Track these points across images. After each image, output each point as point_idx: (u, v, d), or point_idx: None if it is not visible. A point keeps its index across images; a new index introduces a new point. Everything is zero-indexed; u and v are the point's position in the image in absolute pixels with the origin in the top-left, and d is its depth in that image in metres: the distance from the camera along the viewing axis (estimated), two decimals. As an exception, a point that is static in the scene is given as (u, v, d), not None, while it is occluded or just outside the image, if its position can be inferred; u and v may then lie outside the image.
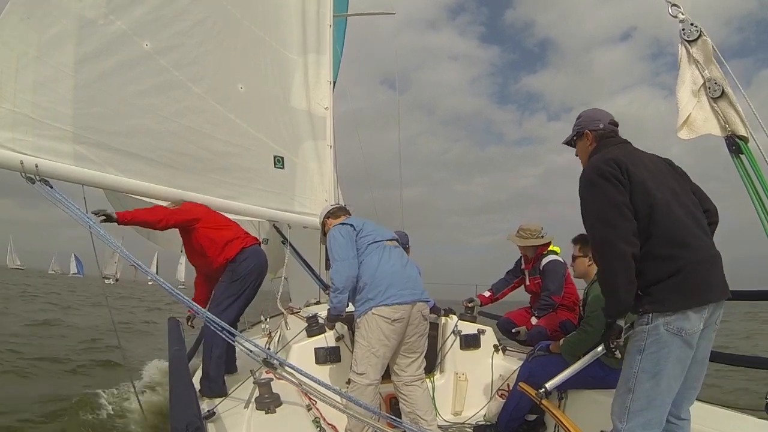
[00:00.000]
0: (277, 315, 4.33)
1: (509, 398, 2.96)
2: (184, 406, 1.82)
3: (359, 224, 2.88)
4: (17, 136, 2.53)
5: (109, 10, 2.88)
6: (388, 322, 2.57)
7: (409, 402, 2.72)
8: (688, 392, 1.88)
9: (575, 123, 2.21)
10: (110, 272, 62.22)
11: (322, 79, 4.51)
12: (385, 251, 2.77)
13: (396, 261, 2.76)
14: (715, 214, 2.03)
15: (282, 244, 4.74)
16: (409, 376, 2.73)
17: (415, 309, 2.67)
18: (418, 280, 2.79)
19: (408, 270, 2.77)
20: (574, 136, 2.19)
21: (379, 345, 2.57)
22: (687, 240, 1.78)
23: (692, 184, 2.04)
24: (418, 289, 2.73)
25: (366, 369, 2.58)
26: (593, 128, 2.10)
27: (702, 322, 1.76)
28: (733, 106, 2.18)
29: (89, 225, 2.33)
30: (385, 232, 2.95)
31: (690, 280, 1.74)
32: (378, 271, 2.66)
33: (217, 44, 3.54)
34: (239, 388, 2.61)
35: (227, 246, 3.08)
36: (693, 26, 2.26)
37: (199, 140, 3.42)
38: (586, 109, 2.25)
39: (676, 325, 1.72)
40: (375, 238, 2.81)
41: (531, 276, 3.88)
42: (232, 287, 3.02)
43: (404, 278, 2.69)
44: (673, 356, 1.74)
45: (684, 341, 1.74)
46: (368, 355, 2.58)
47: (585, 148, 2.13)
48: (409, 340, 2.71)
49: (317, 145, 4.43)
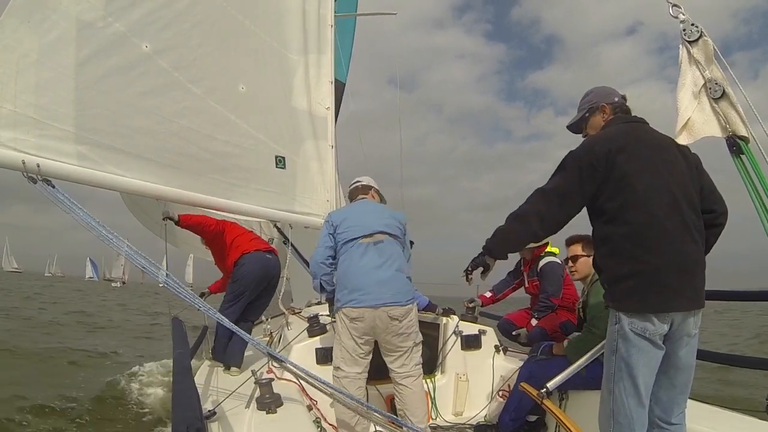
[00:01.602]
0: (279, 315, 4.33)
1: (510, 398, 2.96)
2: (186, 406, 1.83)
3: (339, 219, 2.90)
4: (19, 135, 2.53)
5: (108, 13, 2.88)
6: (351, 320, 2.66)
7: (399, 400, 2.76)
8: (678, 398, 1.85)
9: (584, 100, 2.13)
10: (116, 275, 62.11)
11: (323, 79, 4.51)
12: (358, 251, 2.74)
13: (369, 262, 2.71)
14: (722, 214, 1.94)
15: (283, 244, 4.75)
16: (398, 374, 2.75)
17: (378, 312, 2.64)
18: (393, 281, 2.72)
19: (382, 272, 2.70)
20: (586, 112, 2.11)
21: (347, 339, 2.69)
22: (657, 243, 1.72)
23: (705, 180, 1.94)
24: (389, 291, 2.67)
25: (338, 363, 2.71)
26: (609, 101, 2.04)
27: (667, 325, 1.73)
28: (733, 107, 2.18)
29: (91, 226, 2.34)
30: (372, 223, 2.85)
31: (650, 285, 1.71)
32: (347, 272, 2.73)
33: (217, 45, 3.54)
34: (240, 388, 2.62)
35: (231, 252, 3.66)
36: (694, 27, 2.26)
37: (200, 141, 3.42)
38: (594, 87, 2.17)
39: (639, 326, 1.72)
40: (351, 235, 2.79)
41: (529, 278, 3.88)
42: (233, 287, 3.54)
43: (373, 281, 2.67)
44: (643, 355, 1.73)
45: (649, 342, 1.72)
46: (339, 348, 2.72)
47: (599, 123, 2.06)
48: (386, 338, 2.71)
49: (318, 145, 4.43)
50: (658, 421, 1.86)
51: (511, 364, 3.32)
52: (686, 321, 1.77)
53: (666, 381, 1.83)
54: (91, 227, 2.32)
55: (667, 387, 1.83)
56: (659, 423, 1.86)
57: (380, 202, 3.22)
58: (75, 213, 2.34)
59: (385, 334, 2.69)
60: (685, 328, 1.77)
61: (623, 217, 1.76)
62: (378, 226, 2.83)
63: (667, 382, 1.83)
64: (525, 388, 2.60)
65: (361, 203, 3.09)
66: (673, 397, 1.84)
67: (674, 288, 1.72)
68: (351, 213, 2.98)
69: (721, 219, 1.95)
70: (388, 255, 2.77)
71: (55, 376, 6.64)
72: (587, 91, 2.15)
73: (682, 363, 1.81)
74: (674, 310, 1.73)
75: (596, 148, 1.83)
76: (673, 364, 1.81)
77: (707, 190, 1.92)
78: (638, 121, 1.99)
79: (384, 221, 2.88)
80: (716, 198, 1.95)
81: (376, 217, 2.90)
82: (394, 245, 2.83)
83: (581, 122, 2.15)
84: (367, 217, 2.90)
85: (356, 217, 2.90)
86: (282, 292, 4.15)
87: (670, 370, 1.82)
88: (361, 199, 3.12)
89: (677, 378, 1.83)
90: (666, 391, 1.84)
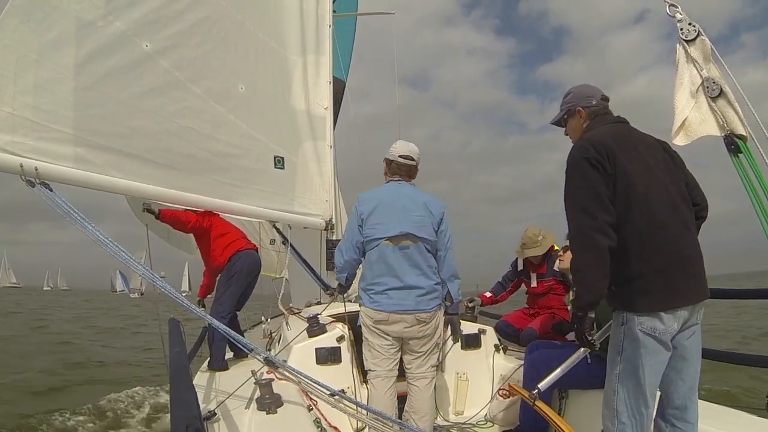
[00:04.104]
0: (278, 316, 4.33)
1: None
2: (184, 406, 1.82)
3: (368, 209, 2.69)
4: (17, 138, 2.52)
5: (108, 11, 2.87)
6: (374, 322, 2.66)
7: (408, 401, 2.74)
8: (688, 393, 1.85)
9: (564, 101, 2.11)
10: (135, 286, 61.44)
11: (321, 79, 4.52)
12: (384, 252, 2.64)
13: (394, 264, 2.62)
14: (705, 209, 1.98)
15: (283, 244, 4.75)
16: (412, 374, 2.74)
17: (403, 316, 2.61)
18: (418, 287, 2.64)
19: (407, 278, 2.63)
20: (564, 114, 2.10)
21: (371, 337, 2.69)
22: (660, 242, 1.74)
23: (687, 175, 1.97)
24: (413, 297, 2.62)
25: (369, 365, 2.72)
26: (585, 105, 2.02)
27: (677, 323, 1.74)
28: (731, 105, 2.18)
29: (90, 231, 2.32)
30: (401, 220, 2.65)
31: (658, 285, 1.72)
32: (371, 272, 2.69)
33: (217, 45, 3.54)
34: (240, 389, 2.62)
35: (226, 249, 3.75)
36: (691, 26, 2.27)
37: (200, 141, 3.42)
38: (575, 86, 2.14)
39: (648, 325, 1.72)
40: (377, 234, 2.66)
41: (541, 278, 3.87)
42: (228, 282, 3.67)
43: (398, 286, 2.62)
44: (650, 355, 1.73)
45: (658, 341, 1.72)
46: (368, 349, 2.72)
47: (578, 127, 2.05)
48: (408, 341, 2.70)
49: (317, 145, 4.44)
50: (673, 420, 1.85)
51: (512, 363, 3.32)
52: (694, 313, 1.79)
53: (675, 376, 1.83)
54: (88, 232, 2.30)
55: (677, 382, 1.83)
56: (674, 422, 1.85)
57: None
58: (72, 217, 2.31)
59: (407, 337, 2.67)
60: (692, 319, 1.79)
61: (628, 218, 1.76)
62: (406, 225, 2.64)
63: (677, 377, 1.83)
64: (515, 389, 2.58)
65: (397, 187, 2.78)
66: (685, 392, 1.84)
67: (682, 284, 1.74)
68: (381, 202, 2.71)
69: (704, 213, 1.99)
70: (414, 260, 2.66)
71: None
72: (568, 91, 2.13)
73: (688, 353, 1.81)
74: (683, 306, 1.74)
75: (594, 145, 1.82)
76: (680, 355, 1.81)
77: (691, 186, 1.96)
78: (622, 122, 2.00)
79: (414, 219, 2.66)
80: (699, 192, 1.99)
81: (407, 213, 2.67)
82: (421, 250, 2.68)
83: (561, 122, 2.15)
84: (396, 213, 2.67)
85: (385, 211, 2.68)
86: (282, 292, 4.16)
87: (678, 362, 1.81)
88: (398, 182, 2.81)
89: (685, 371, 1.82)
90: (677, 386, 1.83)
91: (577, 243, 1.81)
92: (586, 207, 1.76)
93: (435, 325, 2.72)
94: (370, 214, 2.69)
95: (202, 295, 4.24)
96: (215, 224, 3.82)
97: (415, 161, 2.83)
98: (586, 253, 1.75)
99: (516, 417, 2.95)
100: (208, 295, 4.14)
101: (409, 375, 2.76)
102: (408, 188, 2.79)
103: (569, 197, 1.84)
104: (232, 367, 3.48)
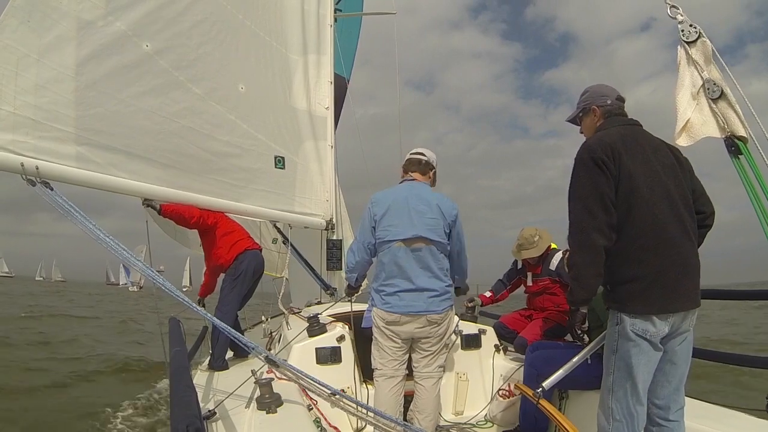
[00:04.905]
0: (279, 315, 4.33)
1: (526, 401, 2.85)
2: (185, 406, 1.82)
3: (381, 210, 2.67)
4: (18, 138, 2.53)
5: (108, 11, 2.88)
6: (386, 323, 2.67)
7: (414, 400, 2.76)
8: (674, 394, 1.89)
9: (580, 99, 2.15)
10: (134, 279, 61.43)
11: (322, 79, 4.52)
12: (396, 254, 2.63)
13: (405, 266, 2.61)
14: (710, 216, 2.00)
15: (283, 244, 4.76)
16: (420, 373, 2.76)
17: (413, 317, 2.62)
18: (428, 289, 2.63)
19: (418, 280, 2.62)
20: (579, 112, 2.14)
21: (381, 338, 2.71)
22: (660, 246, 1.76)
23: (694, 182, 1.98)
24: (424, 299, 2.62)
25: (376, 364, 2.75)
26: (601, 104, 2.05)
27: (668, 327, 1.78)
28: (732, 107, 2.18)
29: (90, 229, 2.33)
30: (414, 221, 2.63)
31: (654, 288, 1.75)
32: (383, 273, 2.68)
33: (217, 45, 3.54)
34: (240, 388, 2.62)
35: (233, 247, 3.67)
36: (692, 27, 2.26)
37: (200, 141, 3.43)
38: (592, 84, 2.18)
39: (640, 327, 1.76)
40: (389, 236, 2.64)
41: (536, 278, 3.86)
42: (234, 282, 3.63)
43: (409, 288, 2.62)
44: (643, 356, 1.78)
45: (649, 343, 1.77)
46: (377, 349, 2.74)
47: (592, 125, 2.08)
48: (417, 341, 2.72)
49: (318, 145, 4.44)
50: (656, 419, 1.90)
51: (512, 363, 3.32)
52: (686, 319, 1.82)
53: (662, 378, 1.87)
54: (89, 230, 2.31)
55: (663, 384, 1.88)
56: (658, 420, 1.90)
57: (432, 184, 2.90)
58: (72, 216, 2.32)
59: (418, 336, 2.69)
60: (682, 326, 1.82)
61: (629, 220, 1.78)
62: (419, 228, 2.61)
63: (663, 379, 1.87)
64: (521, 388, 2.59)
65: (409, 187, 2.76)
66: (669, 393, 1.88)
67: (676, 289, 1.77)
68: (395, 203, 2.68)
69: (710, 220, 2.00)
70: (425, 263, 2.65)
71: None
72: (585, 89, 2.18)
73: (677, 358, 1.86)
74: (676, 311, 1.77)
75: (602, 146, 1.84)
76: (669, 359, 1.85)
77: (698, 193, 1.98)
78: (634, 124, 2.02)
79: (428, 221, 2.64)
80: (705, 200, 2.00)
81: (420, 215, 2.64)
82: (433, 252, 2.66)
83: (576, 120, 2.19)
84: (409, 215, 2.64)
85: (398, 213, 2.65)
86: (282, 292, 4.16)
87: (666, 366, 1.86)
88: (411, 181, 2.80)
89: (672, 374, 1.86)
90: (662, 387, 1.88)
91: (575, 240, 1.85)
92: (588, 206, 1.80)
93: (446, 326, 2.73)
94: (383, 216, 2.67)
95: (202, 294, 4.18)
96: (221, 222, 3.76)
97: (426, 157, 2.86)
98: (583, 251, 1.80)
99: (516, 417, 2.95)
100: (208, 295, 4.13)
101: (416, 374, 2.77)
102: (420, 188, 2.76)
103: (573, 194, 1.88)
104: (233, 367, 3.48)
